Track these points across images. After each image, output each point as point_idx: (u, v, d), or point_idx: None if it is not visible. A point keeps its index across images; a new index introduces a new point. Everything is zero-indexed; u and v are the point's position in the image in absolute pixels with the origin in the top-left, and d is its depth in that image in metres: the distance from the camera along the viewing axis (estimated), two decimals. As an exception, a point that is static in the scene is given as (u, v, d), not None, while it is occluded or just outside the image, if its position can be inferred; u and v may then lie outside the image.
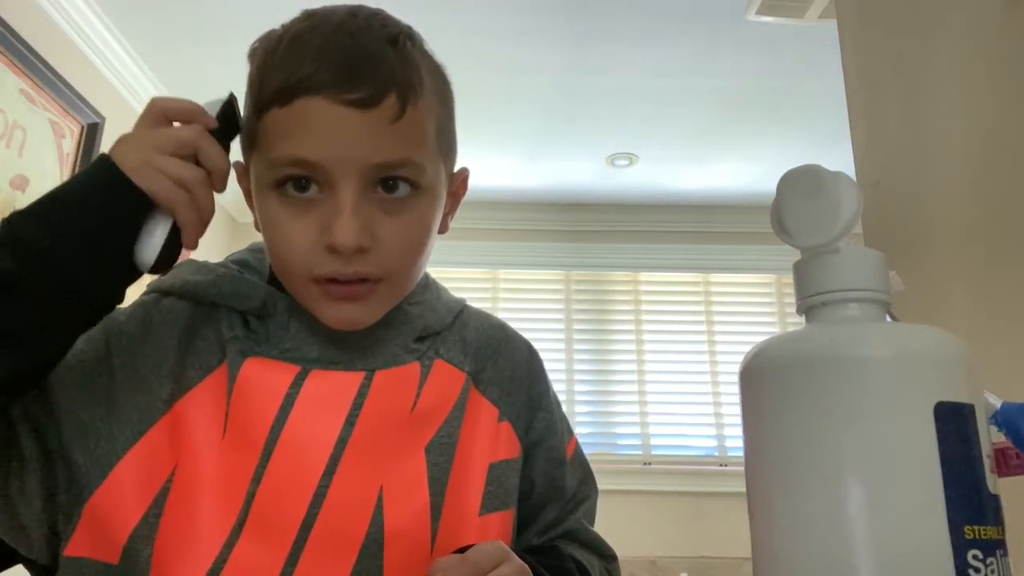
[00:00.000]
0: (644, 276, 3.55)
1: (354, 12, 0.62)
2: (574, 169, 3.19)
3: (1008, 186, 0.99)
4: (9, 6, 1.95)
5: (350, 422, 0.61)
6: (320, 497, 0.59)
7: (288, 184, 0.59)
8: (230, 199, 3.35)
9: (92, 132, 2.30)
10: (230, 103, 0.61)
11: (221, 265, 0.68)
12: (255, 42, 0.63)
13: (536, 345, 0.78)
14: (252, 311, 0.64)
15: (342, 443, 0.60)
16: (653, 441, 3.32)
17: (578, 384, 3.39)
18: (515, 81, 2.55)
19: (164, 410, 0.60)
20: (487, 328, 0.75)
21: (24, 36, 1.99)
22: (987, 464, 0.40)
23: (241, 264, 0.70)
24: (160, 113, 0.58)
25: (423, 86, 0.61)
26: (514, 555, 0.58)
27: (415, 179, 0.61)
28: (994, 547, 0.38)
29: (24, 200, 2.03)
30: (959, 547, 0.37)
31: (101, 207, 0.54)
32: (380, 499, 0.60)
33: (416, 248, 0.63)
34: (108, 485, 0.57)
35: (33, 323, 0.53)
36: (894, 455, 0.39)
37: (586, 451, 0.79)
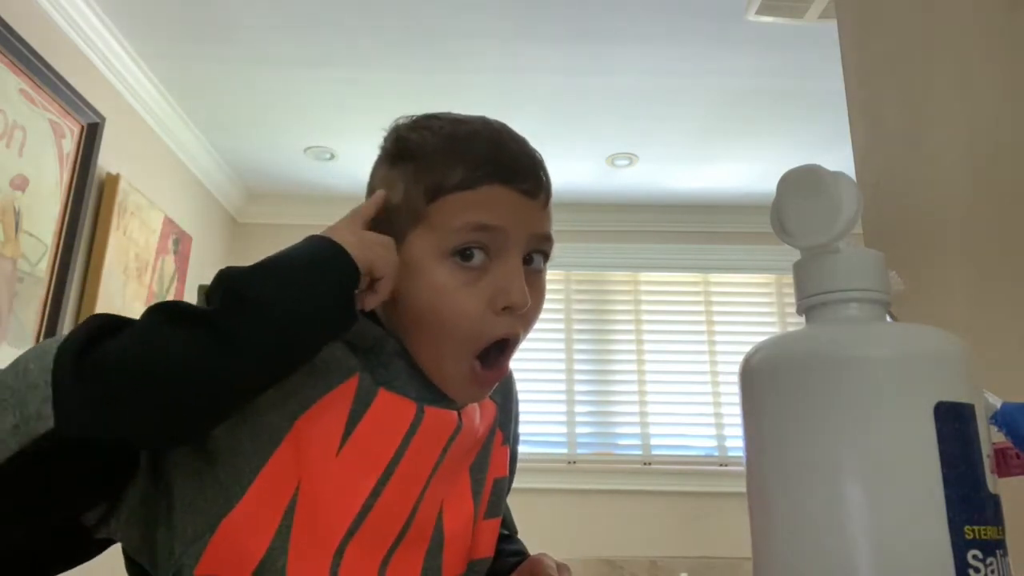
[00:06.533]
0: (644, 276, 3.55)
1: (493, 121, 0.75)
2: (574, 169, 3.18)
3: (1008, 186, 0.99)
4: (9, 6, 1.95)
5: (444, 452, 0.71)
6: (415, 511, 0.69)
7: (457, 254, 0.68)
8: (230, 199, 3.36)
9: (92, 132, 2.30)
10: None
11: None
12: (406, 140, 0.73)
13: (536, 345, 0.83)
14: (360, 345, 0.70)
15: (435, 468, 0.70)
16: (653, 441, 3.31)
17: (578, 384, 3.36)
18: (515, 81, 2.55)
19: (288, 428, 0.65)
20: None
21: (24, 36, 1.99)
22: (987, 464, 0.40)
23: None
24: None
25: (551, 188, 0.75)
26: None
27: (550, 252, 0.74)
28: (994, 547, 0.38)
29: (25, 200, 2.03)
30: (959, 547, 0.37)
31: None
32: (441, 510, 0.72)
33: (539, 316, 0.74)
34: (245, 501, 0.62)
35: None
36: (894, 455, 0.39)
37: (586, 451, 0.85)
